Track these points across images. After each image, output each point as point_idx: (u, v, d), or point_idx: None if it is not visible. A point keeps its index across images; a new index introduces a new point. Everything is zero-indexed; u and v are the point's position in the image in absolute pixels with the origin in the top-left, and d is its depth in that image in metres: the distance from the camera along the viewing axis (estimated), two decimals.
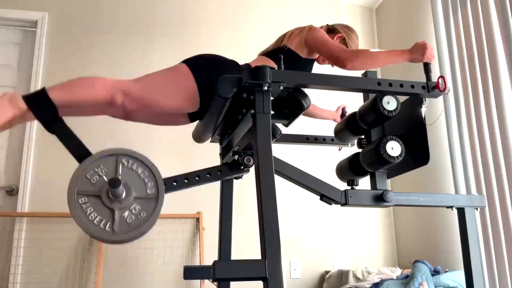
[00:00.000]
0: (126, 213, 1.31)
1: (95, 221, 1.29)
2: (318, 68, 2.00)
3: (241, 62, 1.84)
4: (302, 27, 1.89)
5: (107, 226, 1.29)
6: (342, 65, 1.70)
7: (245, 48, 3.46)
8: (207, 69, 1.66)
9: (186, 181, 1.67)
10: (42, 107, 1.45)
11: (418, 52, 1.64)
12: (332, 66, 2.03)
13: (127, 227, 1.30)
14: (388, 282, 2.42)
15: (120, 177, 1.34)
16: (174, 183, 1.64)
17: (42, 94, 1.45)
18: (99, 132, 3.04)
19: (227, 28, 3.53)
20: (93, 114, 1.68)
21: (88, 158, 1.37)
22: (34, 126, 2.98)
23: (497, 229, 2.40)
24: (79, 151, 1.40)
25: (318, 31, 1.83)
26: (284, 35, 1.91)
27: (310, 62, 1.91)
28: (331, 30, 2.01)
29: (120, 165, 1.37)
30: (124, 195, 1.32)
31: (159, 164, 1.72)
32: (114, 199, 1.31)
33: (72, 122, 1.50)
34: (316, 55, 1.92)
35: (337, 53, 1.71)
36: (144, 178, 1.39)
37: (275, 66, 1.77)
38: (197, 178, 1.69)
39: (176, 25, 3.43)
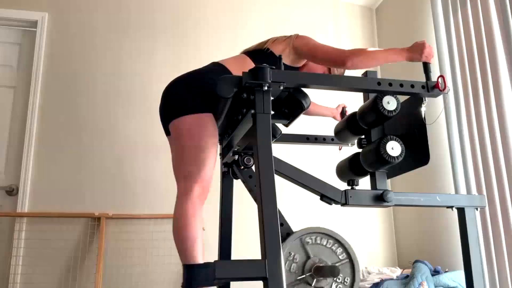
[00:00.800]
0: (334, 285, 1.39)
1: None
2: None
3: None
4: (288, 35, 1.90)
5: None
6: (342, 64, 1.69)
7: (245, 47, 3.45)
8: (193, 94, 1.69)
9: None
10: (204, 277, 1.48)
11: (416, 51, 1.64)
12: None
13: None
14: (388, 282, 2.42)
15: (312, 255, 1.42)
16: None
17: (193, 269, 1.50)
18: (97, 133, 3.03)
19: (227, 28, 3.53)
20: None
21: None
22: (34, 126, 2.97)
23: (497, 229, 2.40)
24: None
25: (307, 38, 1.84)
26: (268, 39, 1.92)
27: (293, 70, 1.91)
28: None
29: (307, 245, 1.44)
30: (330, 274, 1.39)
31: (159, 164, 1.72)
32: (319, 279, 1.38)
33: (70, 121, 1.50)
34: (300, 64, 1.92)
35: (336, 53, 1.72)
36: (331, 247, 1.46)
37: (252, 65, 1.78)
38: None
39: (177, 25, 3.43)
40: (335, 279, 1.40)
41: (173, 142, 1.75)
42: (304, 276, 1.38)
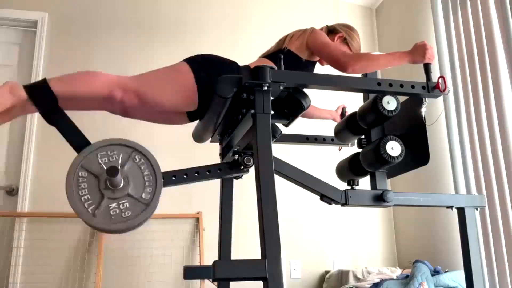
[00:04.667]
0: (113, 205, 1.31)
1: (82, 198, 1.30)
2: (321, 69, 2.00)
3: (240, 62, 1.84)
4: (304, 29, 1.88)
5: (91, 208, 1.29)
6: (343, 69, 1.68)
7: (245, 48, 3.46)
8: (207, 69, 1.66)
9: (185, 176, 1.66)
10: (43, 98, 1.43)
11: (418, 53, 1.64)
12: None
13: (108, 218, 1.29)
14: (388, 282, 2.42)
15: (123, 169, 1.34)
16: (173, 178, 1.63)
17: (43, 85, 1.45)
18: (96, 132, 3.03)
19: (227, 28, 3.53)
20: (92, 109, 1.67)
21: (108, 140, 1.38)
22: (34, 126, 2.97)
23: (497, 229, 2.40)
24: (79, 142, 1.41)
25: (320, 34, 1.81)
26: (285, 37, 1.90)
27: (312, 64, 1.90)
28: (331, 30, 2.00)
29: (131, 159, 1.37)
30: (120, 186, 1.32)
31: (160, 164, 1.72)
32: (109, 186, 1.31)
33: (73, 118, 1.51)
34: (318, 57, 1.91)
35: (338, 56, 1.70)
36: (146, 182, 1.39)
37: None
38: (196, 174, 1.68)
39: (176, 25, 3.42)
40: (120, 202, 1.30)
41: None
42: (101, 175, 1.31)
